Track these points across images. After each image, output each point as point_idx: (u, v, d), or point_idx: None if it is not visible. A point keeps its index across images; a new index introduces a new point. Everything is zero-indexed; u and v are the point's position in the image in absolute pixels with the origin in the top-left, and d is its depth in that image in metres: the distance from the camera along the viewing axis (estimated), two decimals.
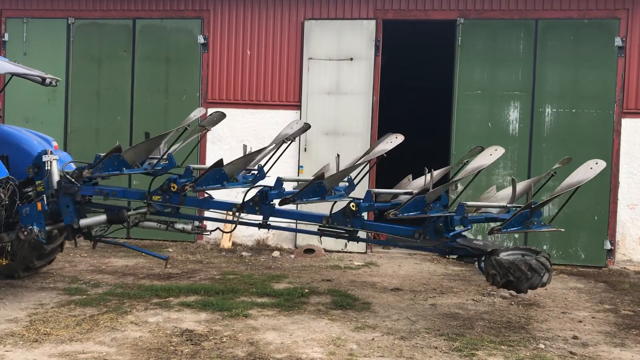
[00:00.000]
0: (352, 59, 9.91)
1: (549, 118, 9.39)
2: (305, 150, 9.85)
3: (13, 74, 7.09)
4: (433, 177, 6.03)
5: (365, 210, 6.25)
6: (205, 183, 6.16)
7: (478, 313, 6.61)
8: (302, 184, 6.46)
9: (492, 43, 9.67)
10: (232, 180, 6.29)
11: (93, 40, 10.62)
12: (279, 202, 6.08)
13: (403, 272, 8.71)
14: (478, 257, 5.91)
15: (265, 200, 6.24)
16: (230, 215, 9.77)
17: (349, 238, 6.28)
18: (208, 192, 6.53)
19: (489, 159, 6.07)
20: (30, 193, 6.51)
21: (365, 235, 9.81)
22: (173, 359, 4.97)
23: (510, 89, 9.58)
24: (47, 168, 6.39)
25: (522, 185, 6.39)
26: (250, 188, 6.37)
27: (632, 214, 9.40)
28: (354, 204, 6.04)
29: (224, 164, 6.14)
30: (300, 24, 10.08)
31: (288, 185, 6.81)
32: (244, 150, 6.72)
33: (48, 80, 7.21)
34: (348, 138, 9.82)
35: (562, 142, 9.39)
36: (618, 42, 9.30)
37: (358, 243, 6.29)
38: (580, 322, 6.45)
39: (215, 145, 10.30)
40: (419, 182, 6.62)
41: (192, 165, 6.57)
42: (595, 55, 9.40)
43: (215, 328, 5.78)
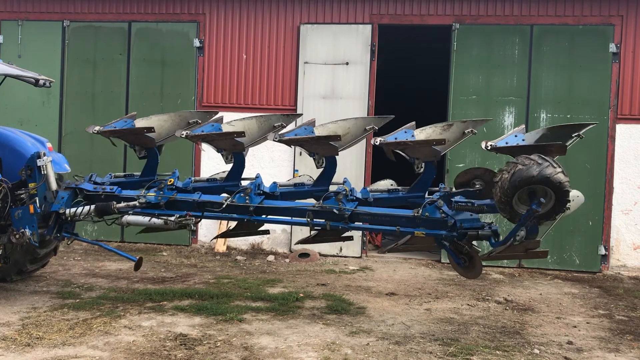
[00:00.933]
0: (347, 64, 9.91)
1: (544, 123, 9.42)
2: (301, 155, 9.84)
3: (6, 75, 7.05)
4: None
5: (359, 195, 6.18)
6: None
7: (473, 318, 6.61)
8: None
9: (487, 48, 9.70)
10: None
11: (88, 43, 10.61)
12: None
13: (398, 276, 8.70)
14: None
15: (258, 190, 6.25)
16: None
17: (340, 224, 6.09)
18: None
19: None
20: (23, 195, 6.46)
21: (361, 240, 9.89)
22: None
23: (506, 94, 9.61)
24: (43, 172, 6.35)
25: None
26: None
27: (626, 220, 9.43)
28: (347, 188, 6.08)
29: None
30: (296, 28, 10.09)
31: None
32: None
33: (41, 82, 7.17)
34: None
35: None
36: (612, 48, 9.34)
37: (348, 228, 6.09)
38: (575, 327, 6.45)
39: (211, 150, 10.25)
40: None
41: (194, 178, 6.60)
42: (590, 61, 9.45)
43: (210, 332, 5.75)
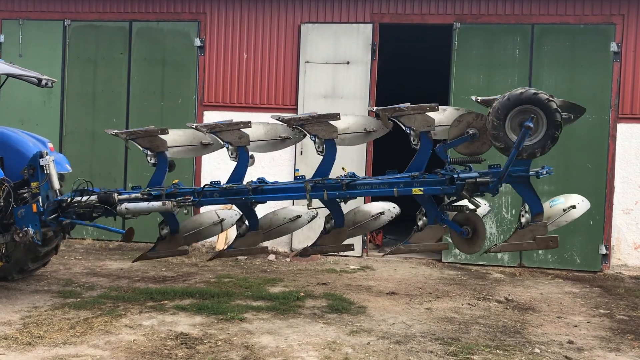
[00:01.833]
0: (348, 63, 9.91)
1: None
2: (302, 154, 9.84)
3: (8, 75, 7.06)
4: None
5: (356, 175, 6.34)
6: None
7: (473, 317, 6.61)
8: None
9: (488, 48, 9.69)
10: None
11: (89, 43, 10.61)
12: None
13: (399, 275, 8.70)
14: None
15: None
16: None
17: (337, 192, 6.19)
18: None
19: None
20: (26, 195, 6.48)
21: (362, 240, 9.88)
22: None
23: None
24: (45, 172, 6.36)
25: None
26: None
27: (627, 219, 9.43)
28: (344, 168, 6.33)
29: None
30: (297, 28, 10.08)
31: None
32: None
33: (44, 82, 7.18)
34: None
35: (557, 146, 9.28)
36: (614, 47, 9.33)
37: (345, 195, 6.18)
38: (576, 326, 6.45)
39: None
40: None
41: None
42: (591, 61, 9.43)
43: (210, 331, 5.76)
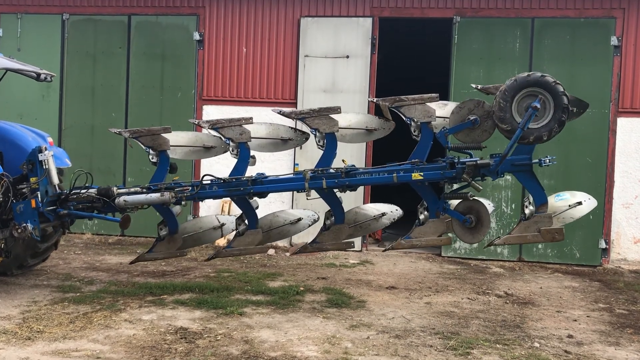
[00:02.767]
0: (348, 57, 9.88)
1: None
2: (301, 149, 9.81)
3: (7, 69, 7.03)
4: None
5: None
6: None
7: (473, 312, 6.61)
8: None
9: (488, 41, 9.66)
10: None
11: (88, 37, 10.57)
12: None
13: (398, 270, 8.71)
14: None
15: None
16: (227, 204, 9.84)
17: (336, 179, 6.20)
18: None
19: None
20: (25, 190, 6.46)
21: (361, 239, 9.85)
22: (167, 357, 4.94)
23: None
24: (45, 167, 6.34)
25: None
26: None
27: (627, 213, 9.42)
28: (344, 160, 6.33)
29: None
30: (297, 21, 10.05)
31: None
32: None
33: (43, 76, 7.16)
34: None
35: (557, 140, 9.29)
36: (614, 41, 9.30)
37: (344, 184, 6.19)
38: (575, 320, 6.45)
39: None
40: None
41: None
42: (591, 54, 9.41)
43: (210, 326, 5.76)
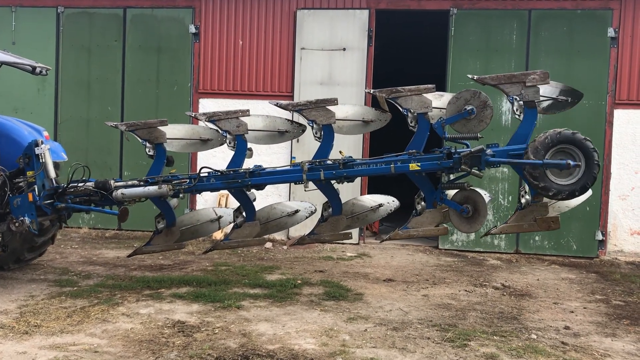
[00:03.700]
0: (344, 49, 9.85)
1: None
2: (298, 141, 9.81)
3: (2, 63, 6.99)
4: None
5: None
6: None
7: (470, 304, 6.62)
8: None
9: (485, 33, 9.64)
10: None
11: (83, 30, 10.52)
12: None
13: (395, 263, 8.72)
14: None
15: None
16: (224, 197, 9.82)
17: (334, 170, 6.19)
18: None
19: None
20: (21, 184, 6.44)
21: (359, 229, 9.86)
22: (165, 351, 4.94)
23: None
24: (41, 161, 6.32)
25: None
26: None
27: (623, 205, 9.44)
28: (342, 152, 6.33)
29: None
30: (293, 14, 10.01)
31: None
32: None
33: (38, 69, 7.12)
34: None
35: None
36: (611, 32, 9.29)
37: (342, 175, 6.18)
38: (572, 312, 6.47)
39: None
40: None
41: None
42: (588, 46, 9.40)
43: (208, 319, 5.76)
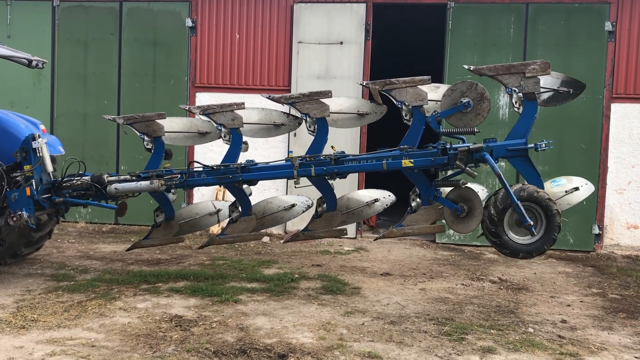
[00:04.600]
0: (342, 43, 9.83)
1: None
2: (295, 135, 9.79)
3: None
4: None
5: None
6: None
7: (467, 297, 6.63)
8: None
9: (482, 27, 9.63)
10: None
11: (79, 23, 10.47)
12: None
13: (393, 257, 8.72)
14: None
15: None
16: (221, 191, 9.81)
17: (324, 166, 6.09)
18: None
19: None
20: (19, 178, 6.41)
21: (356, 223, 9.86)
22: (162, 345, 4.94)
23: None
24: (38, 155, 6.28)
25: None
26: None
27: (620, 199, 9.46)
28: (333, 146, 6.20)
29: None
30: (290, 7, 9.97)
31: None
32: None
33: (34, 63, 7.08)
34: None
35: (551, 126, 9.40)
36: (608, 26, 9.29)
37: (333, 171, 6.07)
38: (569, 306, 6.49)
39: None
40: None
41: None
42: (586, 40, 9.39)
43: (205, 314, 5.76)
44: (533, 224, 5.52)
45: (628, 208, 9.45)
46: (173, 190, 6.50)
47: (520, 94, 5.74)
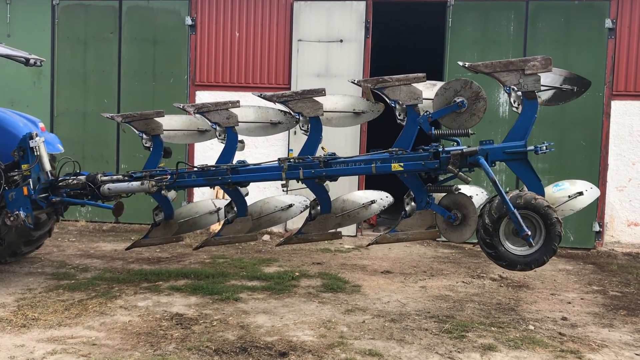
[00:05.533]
0: (342, 41, 9.82)
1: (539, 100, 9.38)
2: (295, 133, 9.79)
3: None
4: None
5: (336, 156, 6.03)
6: None
7: (468, 295, 6.64)
8: None
9: (482, 25, 9.62)
10: None
11: (78, 22, 10.46)
12: None
13: (393, 255, 8.72)
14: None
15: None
16: (220, 190, 9.78)
17: (313, 169, 5.91)
18: None
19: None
20: (16, 177, 6.39)
21: (356, 226, 9.84)
22: (163, 343, 4.94)
23: None
24: (36, 154, 6.26)
25: None
26: None
27: (620, 196, 9.45)
28: (324, 147, 6.03)
29: None
30: (290, 5, 9.96)
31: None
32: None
33: (32, 61, 7.08)
34: None
35: (552, 124, 9.39)
36: (608, 23, 9.28)
37: (322, 174, 5.87)
38: (569, 303, 6.49)
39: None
40: None
41: None
42: (586, 37, 9.39)
43: (206, 312, 5.76)
44: (531, 234, 5.22)
45: (628, 205, 9.45)
46: (163, 191, 6.44)
47: (519, 93, 5.40)
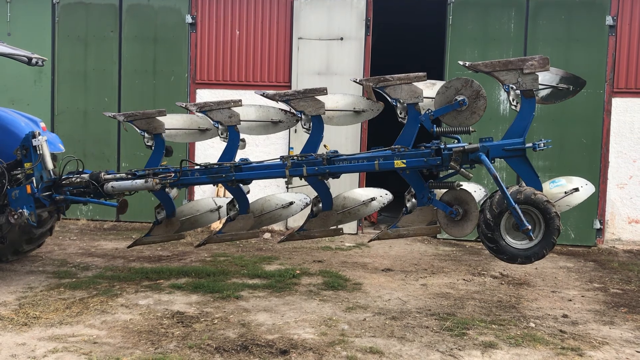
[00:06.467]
0: (342, 39, 9.81)
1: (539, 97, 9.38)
2: (296, 132, 9.79)
3: None
4: None
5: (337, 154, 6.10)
6: None
7: (469, 293, 6.64)
8: None
9: (483, 22, 9.61)
10: None
11: (79, 21, 10.46)
12: None
13: (394, 252, 8.73)
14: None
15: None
16: (222, 187, 9.79)
17: (316, 166, 5.96)
18: None
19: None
20: (19, 176, 6.42)
21: (357, 221, 9.84)
22: (164, 342, 4.95)
23: None
24: (39, 152, 6.28)
25: None
26: None
27: (621, 194, 9.45)
28: (326, 145, 6.11)
29: None
30: (290, 3, 9.95)
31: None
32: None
33: (34, 60, 7.08)
34: None
35: (552, 121, 9.39)
36: (609, 21, 9.27)
37: (325, 171, 5.93)
38: (570, 300, 6.49)
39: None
40: None
41: None
42: (587, 34, 9.38)
43: (207, 310, 5.77)
44: (531, 228, 5.37)
45: (629, 203, 9.44)
46: (167, 189, 6.47)
47: (518, 91, 5.55)
